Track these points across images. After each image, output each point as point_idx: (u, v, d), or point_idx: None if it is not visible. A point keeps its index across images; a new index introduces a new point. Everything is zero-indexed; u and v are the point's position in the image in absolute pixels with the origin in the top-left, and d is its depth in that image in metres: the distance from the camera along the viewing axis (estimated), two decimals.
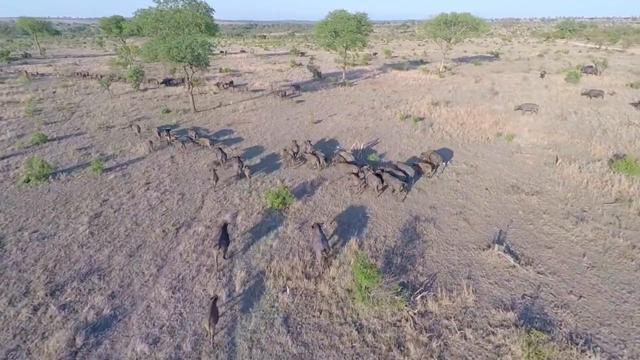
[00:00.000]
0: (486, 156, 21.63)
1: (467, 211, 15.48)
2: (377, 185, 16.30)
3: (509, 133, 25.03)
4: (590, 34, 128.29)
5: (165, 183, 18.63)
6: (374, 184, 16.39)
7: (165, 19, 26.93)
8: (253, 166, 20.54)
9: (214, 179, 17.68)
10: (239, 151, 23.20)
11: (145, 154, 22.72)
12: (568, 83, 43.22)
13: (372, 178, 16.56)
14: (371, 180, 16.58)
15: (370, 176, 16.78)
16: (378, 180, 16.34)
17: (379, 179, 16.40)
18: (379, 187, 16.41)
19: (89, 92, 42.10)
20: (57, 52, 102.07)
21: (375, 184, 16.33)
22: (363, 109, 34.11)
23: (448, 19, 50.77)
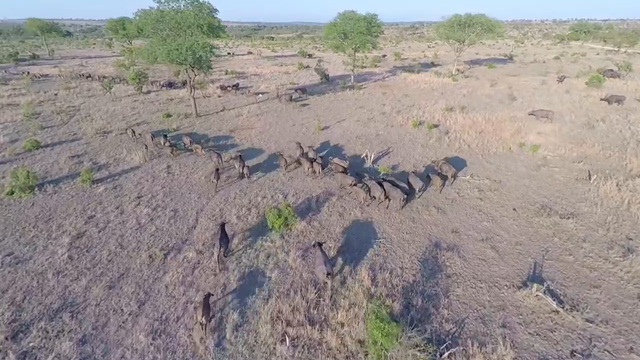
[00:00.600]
0: (510, 170, 19.64)
1: (495, 237, 13.58)
2: (380, 195, 15.43)
3: (533, 143, 22.97)
4: (606, 35, 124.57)
5: (158, 197, 17.08)
6: (377, 194, 15.49)
7: (165, 20, 25.49)
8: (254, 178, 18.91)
9: (216, 177, 17.64)
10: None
11: (141, 163, 21.26)
12: (590, 88, 40.78)
13: (376, 188, 15.67)
14: (374, 190, 15.66)
15: (373, 185, 15.87)
16: (381, 189, 15.49)
17: (382, 189, 15.55)
18: (381, 197, 15.51)
19: (91, 95, 41.12)
20: (66, 53, 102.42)
21: (379, 193, 15.45)
22: (373, 114, 32.31)
23: (462, 20, 48.71)
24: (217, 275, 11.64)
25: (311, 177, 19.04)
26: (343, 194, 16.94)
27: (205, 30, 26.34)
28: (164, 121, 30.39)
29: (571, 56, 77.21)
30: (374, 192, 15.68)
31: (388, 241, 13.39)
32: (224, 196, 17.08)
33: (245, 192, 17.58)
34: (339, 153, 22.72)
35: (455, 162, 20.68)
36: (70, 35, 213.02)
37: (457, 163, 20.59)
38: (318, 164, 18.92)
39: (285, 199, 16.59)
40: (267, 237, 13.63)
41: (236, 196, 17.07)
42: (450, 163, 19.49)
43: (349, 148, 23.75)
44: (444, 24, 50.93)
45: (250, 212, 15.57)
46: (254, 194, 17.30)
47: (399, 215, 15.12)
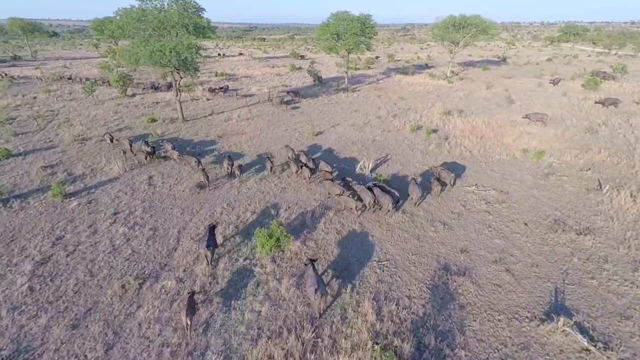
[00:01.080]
0: (516, 179, 18.54)
1: (508, 257, 12.36)
2: (370, 201, 14.83)
3: (537, 149, 21.96)
4: (595, 38, 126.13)
5: (136, 213, 15.48)
6: (368, 200, 14.87)
7: (148, 19, 23.84)
8: None
9: (205, 178, 17.47)
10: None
11: (120, 173, 19.59)
12: (587, 90, 40.27)
13: (366, 194, 15.05)
14: (364, 196, 15.04)
15: (362, 191, 15.26)
16: (371, 195, 14.90)
17: (372, 195, 14.98)
18: (371, 204, 14.89)
19: (72, 98, 39.05)
20: (50, 54, 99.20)
21: (369, 199, 14.84)
22: (368, 118, 31.08)
23: (457, 21, 47.91)
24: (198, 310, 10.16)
25: (307, 182, 18.17)
26: (340, 208, 15.61)
27: (191, 31, 24.71)
28: (148, 126, 28.67)
29: (563, 58, 77.38)
30: (363, 198, 15.07)
31: (392, 264, 12.07)
32: (209, 211, 15.56)
33: (233, 205, 16.10)
34: (335, 160, 21.36)
35: (457, 170, 19.51)
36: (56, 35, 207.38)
37: (458, 171, 19.42)
38: (307, 168, 18.05)
39: (277, 215, 15.15)
40: (256, 261, 12.18)
41: (223, 211, 15.56)
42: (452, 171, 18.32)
43: (344, 155, 22.43)
44: (439, 25, 50.10)
45: (239, 230, 14.09)
46: (242, 208, 15.82)
47: (402, 233, 13.81)
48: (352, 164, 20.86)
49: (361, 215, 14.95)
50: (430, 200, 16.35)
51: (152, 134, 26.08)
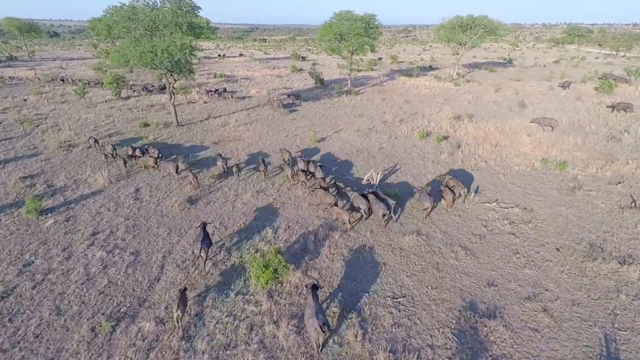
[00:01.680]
0: (540, 193, 16.81)
1: (543, 293, 10.64)
2: (364, 208, 14.06)
3: (559, 159, 20.27)
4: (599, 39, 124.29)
5: (118, 234, 13.80)
6: (362, 207, 14.08)
7: (138, 18, 22.21)
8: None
9: (194, 178, 17.12)
10: (219, 181, 18.37)
11: (105, 185, 17.92)
12: (600, 94, 38.55)
13: (360, 201, 14.20)
14: (358, 203, 14.26)
15: (356, 198, 14.42)
16: (366, 202, 14.10)
17: (367, 201, 14.19)
18: (366, 211, 14.16)
19: (64, 101, 37.45)
20: (47, 54, 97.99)
21: (364, 207, 14.06)
22: (373, 123, 29.40)
23: (464, 22, 46.24)
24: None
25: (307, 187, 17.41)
26: (333, 219, 14.01)
27: (185, 30, 23.06)
28: (140, 131, 27.03)
29: (570, 60, 75.65)
30: (357, 204, 14.32)
31: (409, 300, 10.36)
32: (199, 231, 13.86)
33: (226, 224, 14.41)
34: (339, 170, 19.67)
35: (472, 183, 17.82)
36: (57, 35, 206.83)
37: (474, 183, 17.72)
38: (303, 173, 17.43)
39: (275, 236, 13.45)
40: (250, 296, 10.48)
41: (215, 231, 13.87)
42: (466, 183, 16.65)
43: (349, 164, 20.75)
44: (445, 26, 48.43)
45: (230, 255, 12.40)
46: (236, 227, 14.13)
47: (418, 260, 12.10)
48: (358, 174, 19.17)
49: (372, 238, 13.27)
50: (446, 219, 14.65)
51: (144, 140, 24.45)
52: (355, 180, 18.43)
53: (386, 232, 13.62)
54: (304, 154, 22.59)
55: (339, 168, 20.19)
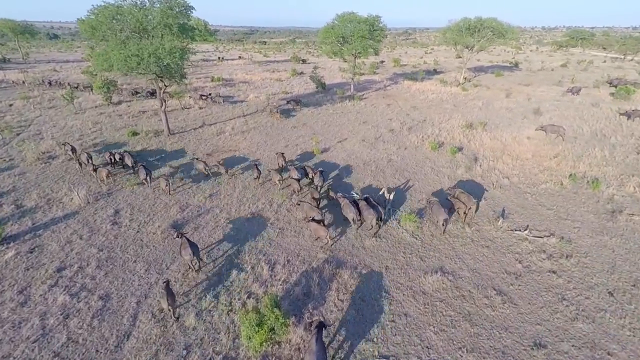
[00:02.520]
0: (575, 218, 14.74)
1: (606, 358, 8.54)
2: (353, 216, 13.38)
3: (589, 175, 18.23)
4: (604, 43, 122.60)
5: (87, 270, 11.70)
6: (351, 215, 13.43)
7: (124, 18, 20.22)
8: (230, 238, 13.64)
9: (166, 186, 16.59)
10: (210, 201, 16.29)
11: (81, 205, 15.84)
12: (617, 100, 36.56)
13: (349, 209, 13.47)
14: (347, 211, 13.55)
15: (346, 205, 13.62)
16: (354, 210, 13.40)
17: (356, 209, 13.51)
18: (355, 220, 13.47)
19: (52, 106, 35.41)
20: (43, 56, 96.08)
21: (352, 215, 13.40)
22: (380, 131, 27.37)
23: (472, 24, 44.33)
24: None
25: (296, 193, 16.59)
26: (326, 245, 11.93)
27: (175, 32, 21.05)
28: (128, 140, 24.99)
29: (578, 64, 73.79)
30: (346, 212, 13.58)
31: None
32: (180, 269, 11.76)
33: (215, 257, 12.32)
34: (346, 188, 17.58)
35: (497, 204, 15.75)
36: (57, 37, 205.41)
37: (499, 205, 15.65)
38: (296, 181, 16.47)
39: (271, 274, 11.34)
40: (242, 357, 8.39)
41: (200, 267, 11.77)
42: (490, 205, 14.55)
43: (357, 179, 18.68)
44: (452, 28, 46.51)
45: (218, 302, 10.29)
46: (226, 261, 12.04)
47: (446, 309, 10.00)
48: (368, 191, 17.09)
49: (388, 277, 11.17)
50: (472, 251, 12.56)
51: (131, 151, 22.39)
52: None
53: (404, 270, 11.53)
54: (300, 161, 20.76)
55: (345, 184, 18.11)
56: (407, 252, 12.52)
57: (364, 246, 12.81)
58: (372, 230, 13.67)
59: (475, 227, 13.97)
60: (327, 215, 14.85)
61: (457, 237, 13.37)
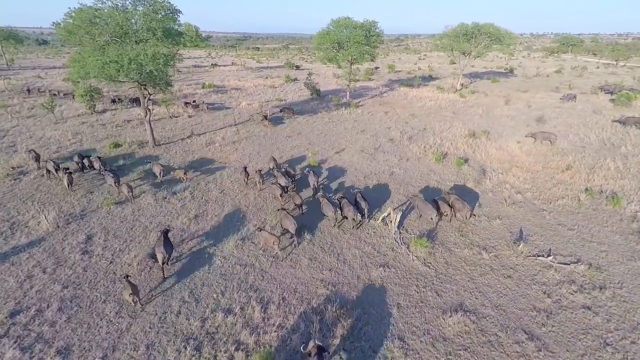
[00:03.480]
0: (600, 240, 13.38)
1: None
2: (332, 214, 13.83)
3: (606, 190, 16.98)
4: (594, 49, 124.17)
5: (47, 314, 9.91)
6: (330, 214, 13.93)
7: (103, 21, 18.59)
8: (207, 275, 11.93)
9: (128, 191, 15.77)
10: (195, 223, 14.58)
11: (49, 230, 14.02)
12: (618, 106, 35.86)
13: (327, 207, 13.92)
14: (326, 210, 14.00)
15: (325, 204, 14.04)
16: (333, 209, 13.86)
17: (335, 208, 14.01)
18: (337, 216, 14.11)
19: (31, 115, 33.35)
20: (29, 62, 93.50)
21: (330, 213, 13.88)
22: (379, 140, 26.00)
23: (469, 30, 43.57)
24: None
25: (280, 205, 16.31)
26: (276, 254, 10.26)
27: (160, 37, 19.47)
28: (110, 152, 23.18)
29: (572, 69, 73.92)
30: (326, 211, 14.05)
31: None
32: (157, 311, 10.03)
33: (198, 295, 10.61)
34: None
35: (514, 224, 14.34)
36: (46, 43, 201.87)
37: (516, 225, 14.25)
38: (278, 187, 16.10)
39: (264, 318, 9.67)
40: None
41: (180, 309, 10.05)
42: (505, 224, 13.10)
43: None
44: (449, 34, 45.73)
45: (200, 355, 8.58)
46: (211, 300, 10.34)
47: (471, 358, 8.45)
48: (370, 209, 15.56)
49: (401, 319, 9.59)
50: (494, 282, 11.07)
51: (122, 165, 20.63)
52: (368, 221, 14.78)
53: (419, 309, 9.97)
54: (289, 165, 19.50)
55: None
56: (421, 284, 10.98)
57: (370, 278, 11.23)
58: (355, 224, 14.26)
59: (494, 253, 12.51)
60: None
61: (474, 265, 11.88)
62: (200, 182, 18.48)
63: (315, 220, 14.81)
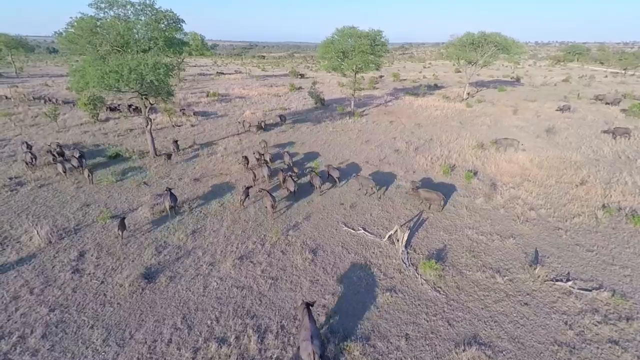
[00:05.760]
0: (623, 263, 12.47)
1: None
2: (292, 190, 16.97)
3: (624, 207, 16.08)
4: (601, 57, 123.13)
5: (30, 341, 9.27)
6: (291, 189, 17.01)
7: (104, 31, 18.33)
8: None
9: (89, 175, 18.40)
10: (192, 240, 13.96)
11: (40, 246, 13.47)
12: (630, 117, 34.92)
13: (289, 184, 17.02)
14: (287, 186, 17.27)
15: (288, 181, 17.19)
16: (294, 185, 16.92)
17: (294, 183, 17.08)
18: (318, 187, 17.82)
19: (35, 123, 33.31)
20: (39, 70, 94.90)
21: (292, 188, 16.90)
22: (384, 151, 25.36)
23: (475, 39, 43.10)
24: None
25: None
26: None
27: (161, 46, 19.15)
28: (108, 162, 22.78)
29: (579, 78, 73.00)
30: (286, 187, 17.32)
31: None
32: (151, 335, 9.35)
33: (192, 320, 9.91)
34: (353, 220, 15.30)
35: (529, 244, 13.51)
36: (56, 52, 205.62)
37: (530, 245, 13.41)
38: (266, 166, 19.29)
39: (260, 349, 8.93)
40: None
41: (171, 337, 9.36)
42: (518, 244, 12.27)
43: (363, 210, 16.43)
44: (455, 43, 45.29)
45: None
46: (205, 327, 9.63)
47: None
48: (375, 226, 14.83)
49: (410, 353, 8.80)
50: (509, 310, 10.23)
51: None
52: (373, 241, 14.06)
53: (430, 341, 9.16)
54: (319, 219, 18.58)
55: (349, 214, 15.83)
56: (430, 312, 10.18)
57: (376, 305, 10.46)
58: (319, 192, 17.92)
59: (508, 276, 11.69)
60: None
61: (488, 290, 11.07)
62: (199, 195, 17.91)
63: (318, 238, 14.12)
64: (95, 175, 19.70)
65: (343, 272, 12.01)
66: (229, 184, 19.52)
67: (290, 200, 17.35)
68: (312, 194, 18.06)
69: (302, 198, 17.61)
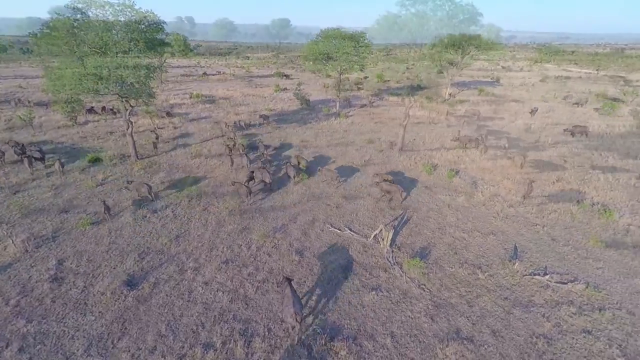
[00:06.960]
0: (596, 256, 13.06)
1: None
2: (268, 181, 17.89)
3: (597, 202, 16.81)
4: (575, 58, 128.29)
5: (6, 354, 8.95)
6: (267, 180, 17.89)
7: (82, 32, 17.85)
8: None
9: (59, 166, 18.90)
10: (175, 245, 13.77)
11: (17, 255, 13.00)
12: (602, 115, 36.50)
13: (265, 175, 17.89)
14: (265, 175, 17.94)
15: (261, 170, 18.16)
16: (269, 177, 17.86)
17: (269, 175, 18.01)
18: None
19: (8, 127, 32.01)
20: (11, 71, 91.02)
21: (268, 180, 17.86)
22: (369, 152, 25.65)
23: (457, 40, 44.09)
24: None
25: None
26: None
27: (142, 47, 18.80)
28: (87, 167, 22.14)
29: (555, 79, 75.65)
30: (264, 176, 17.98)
31: None
32: (131, 347, 9.18)
33: (175, 328, 9.78)
34: (341, 220, 15.43)
35: (507, 239, 13.97)
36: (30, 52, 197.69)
37: (509, 241, 13.87)
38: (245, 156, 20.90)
39: (247, 355, 8.92)
40: None
41: (155, 344, 9.21)
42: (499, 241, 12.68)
43: (351, 210, 16.58)
44: (437, 44, 46.21)
45: None
46: (189, 334, 9.53)
47: None
48: (361, 226, 15.00)
49: (393, 349, 8.96)
50: (490, 306, 10.55)
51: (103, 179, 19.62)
52: (359, 241, 14.21)
53: (414, 337, 9.36)
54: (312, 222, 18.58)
55: (335, 214, 15.95)
56: (415, 309, 10.40)
57: (362, 303, 10.61)
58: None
59: (489, 272, 12.06)
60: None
61: (469, 286, 11.39)
62: (183, 199, 17.66)
63: (304, 239, 14.18)
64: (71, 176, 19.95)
65: (330, 272, 12.10)
66: (212, 186, 19.32)
67: (266, 192, 18.18)
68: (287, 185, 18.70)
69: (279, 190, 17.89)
